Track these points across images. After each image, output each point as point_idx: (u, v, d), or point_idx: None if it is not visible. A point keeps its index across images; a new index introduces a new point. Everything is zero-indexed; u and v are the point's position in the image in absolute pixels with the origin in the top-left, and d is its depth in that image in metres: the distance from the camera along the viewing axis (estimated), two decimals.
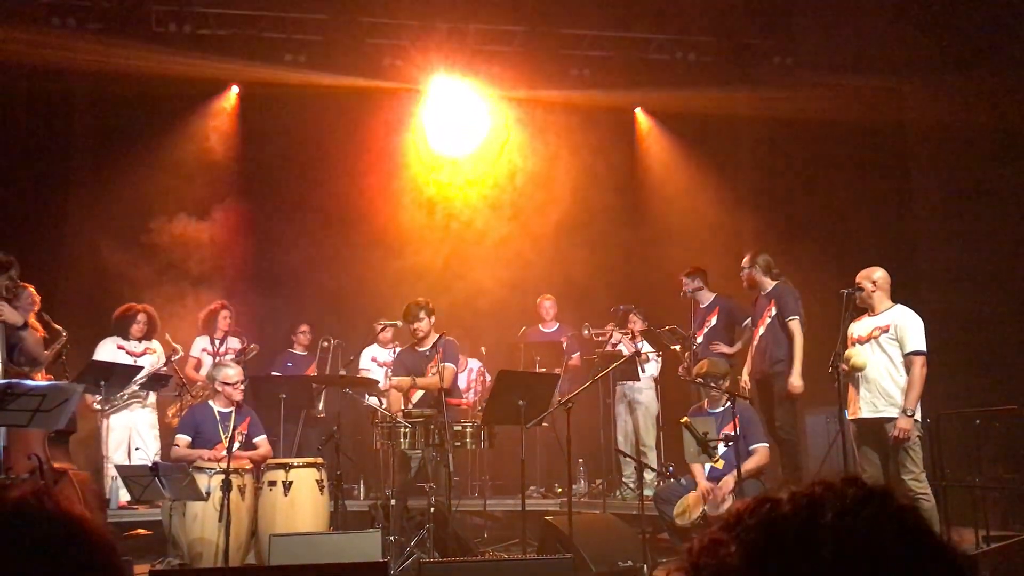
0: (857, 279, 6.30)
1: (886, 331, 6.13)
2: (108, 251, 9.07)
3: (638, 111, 10.84)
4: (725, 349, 7.37)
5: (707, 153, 10.42)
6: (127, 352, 7.94)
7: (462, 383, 9.01)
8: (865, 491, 1.01)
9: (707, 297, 8.05)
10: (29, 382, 5.08)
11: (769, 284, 7.30)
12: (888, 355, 6.11)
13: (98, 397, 7.38)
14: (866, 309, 6.28)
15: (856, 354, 6.16)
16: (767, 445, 6.61)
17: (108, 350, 7.87)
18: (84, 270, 9.37)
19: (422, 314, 7.11)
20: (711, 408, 6.70)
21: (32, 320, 6.35)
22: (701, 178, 10.38)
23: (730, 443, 6.11)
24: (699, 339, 7.89)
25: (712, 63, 10.29)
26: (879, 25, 10.81)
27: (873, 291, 6.21)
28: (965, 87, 10.92)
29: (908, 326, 6.09)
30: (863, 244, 9.59)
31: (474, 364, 9.13)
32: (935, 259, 9.39)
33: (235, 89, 10.07)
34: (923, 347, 6.05)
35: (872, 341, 6.18)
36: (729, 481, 6.24)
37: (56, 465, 5.55)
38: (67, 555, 1.07)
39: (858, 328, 6.30)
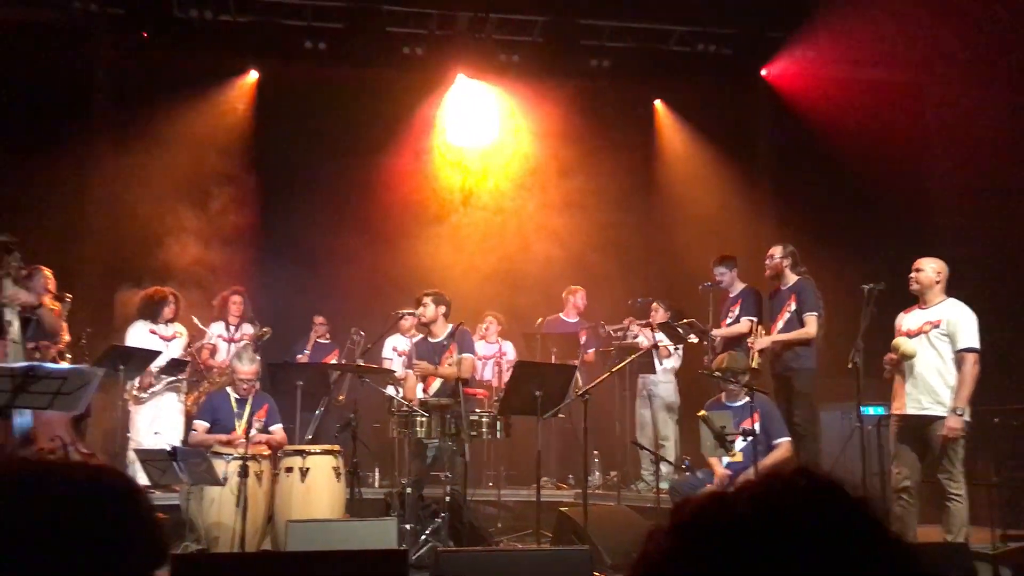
0: (917, 264, 6.11)
1: (937, 326, 5.93)
2: (126, 235, 9.11)
3: (657, 103, 10.79)
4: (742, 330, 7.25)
5: (726, 145, 10.36)
6: (159, 336, 7.92)
7: (489, 369, 9.06)
8: (817, 485, 0.99)
9: (737, 287, 7.80)
10: (50, 365, 5.12)
11: (792, 278, 7.24)
12: (938, 351, 5.91)
13: (136, 383, 7.42)
14: (916, 299, 6.11)
15: (904, 342, 5.98)
16: (790, 440, 6.53)
17: (140, 334, 7.85)
18: (102, 254, 9.41)
19: (427, 300, 7.11)
20: (729, 401, 6.65)
21: (48, 301, 6.40)
22: (720, 171, 10.35)
23: (748, 438, 6.08)
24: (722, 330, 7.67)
25: (732, 55, 10.24)
26: (900, 20, 10.75)
27: (936, 281, 6.01)
28: (986, 83, 10.86)
29: (961, 321, 5.87)
30: (880, 240, 9.53)
31: (508, 348, 9.23)
32: (951, 257, 9.29)
33: (254, 74, 10.11)
34: (976, 344, 5.83)
35: (922, 335, 5.98)
36: (749, 475, 6.21)
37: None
38: (95, 504, 1.08)
39: (907, 321, 6.13)
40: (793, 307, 7.15)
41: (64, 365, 5.76)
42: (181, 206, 9.14)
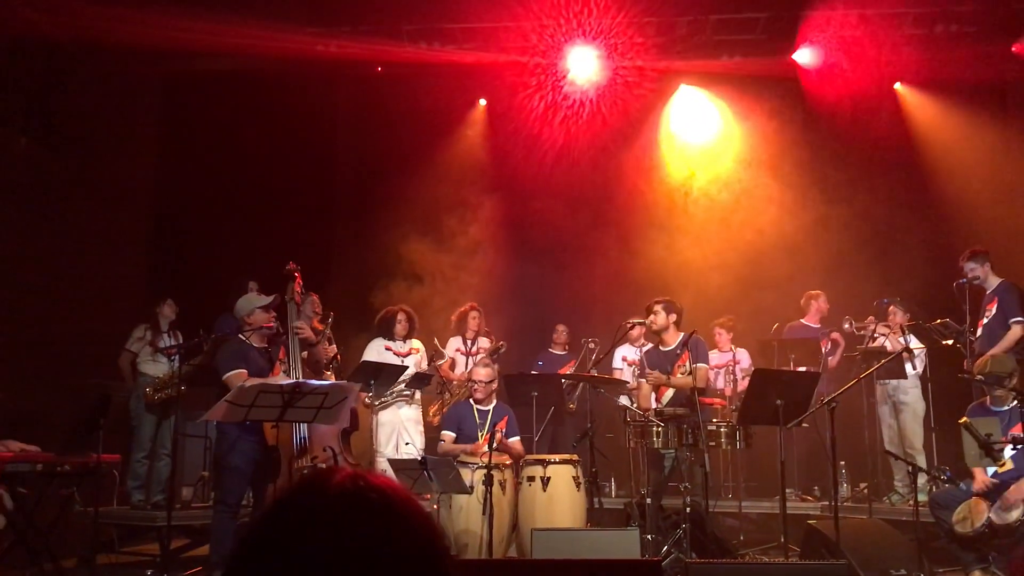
0: None
1: None
2: (369, 256, 9.76)
3: (898, 86, 10.12)
4: None
5: (981, 126, 9.51)
6: (394, 352, 8.32)
7: (722, 378, 8.89)
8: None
9: (992, 283, 7.25)
10: (314, 382, 5.54)
11: None
12: None
13: (370, 393, 7.83)
14: None
15: None
16: None
17: (377, 351, 8.31)
18: (348, 277, 10.10)
19: (657, 308, 7.07)
20: (995, 406, 6.13)
21: (315, 324, 6.94)
22: (975, 156, 9.51)
23: (1019, 446, 5.57)
24: (979, 331, 7.12)
25: (978, 33, 9.42)
26: None
27: None
28: None
29: None
30: None
31: (743, 355, 9.05)
32: None
33: (482, 102, 10.61)
34: None
35: None
36: (1022, 486, 5.68)
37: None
38: (398, 536, 1.10)
39: None
40: None
41: (326, 381, 6.22)
42: (421, 230, 9.63)
